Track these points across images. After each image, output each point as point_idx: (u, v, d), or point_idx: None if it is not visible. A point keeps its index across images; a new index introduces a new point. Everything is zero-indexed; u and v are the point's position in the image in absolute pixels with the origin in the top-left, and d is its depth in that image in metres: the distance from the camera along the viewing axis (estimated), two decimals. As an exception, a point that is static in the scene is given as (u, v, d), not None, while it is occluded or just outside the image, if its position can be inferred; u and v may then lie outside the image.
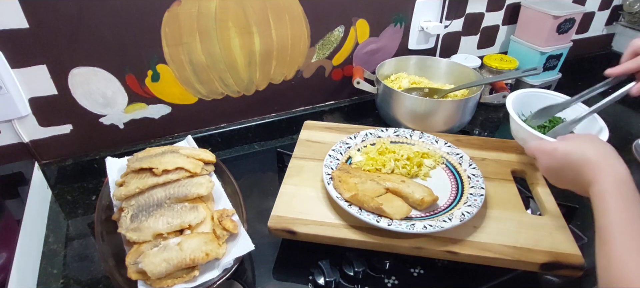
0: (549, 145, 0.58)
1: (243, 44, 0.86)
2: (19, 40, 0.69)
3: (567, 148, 0.55)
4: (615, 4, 1.29)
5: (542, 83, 1.11)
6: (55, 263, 0.66)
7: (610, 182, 0.48)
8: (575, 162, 0.53)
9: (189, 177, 0.66)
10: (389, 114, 0.92)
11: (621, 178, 0.48)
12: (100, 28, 0.73)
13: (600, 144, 0.53)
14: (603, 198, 0.47)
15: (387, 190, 0.66)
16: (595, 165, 0.50)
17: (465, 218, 0.60)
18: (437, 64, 1.02)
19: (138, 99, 0.83)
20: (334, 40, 0.95)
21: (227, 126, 0.95)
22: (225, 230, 0.59)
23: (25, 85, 0.73)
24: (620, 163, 0.50)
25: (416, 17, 1.00)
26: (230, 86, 0.90)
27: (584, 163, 0.52)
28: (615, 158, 0.51)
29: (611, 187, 0.47)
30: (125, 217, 0.60)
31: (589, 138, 0.55)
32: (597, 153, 0.52)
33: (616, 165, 0.49)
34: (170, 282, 0.53)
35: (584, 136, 0.57)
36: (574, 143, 0.55)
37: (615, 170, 0.49)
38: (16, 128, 0.76)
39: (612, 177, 0.48)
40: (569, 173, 0.55)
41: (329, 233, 0.61)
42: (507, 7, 1.12)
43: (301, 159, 0.77)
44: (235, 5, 0.80)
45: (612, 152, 0.52)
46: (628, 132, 1.01)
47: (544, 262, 0.57)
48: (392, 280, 0.62)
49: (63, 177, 0.83)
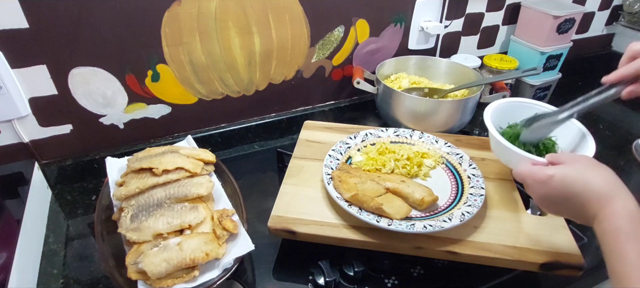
0: (543, 173, 0.50)
1: (243, 44, 0.86)
2: (19, 40, 0.69)
3: (566, 178, 0.48)
4: (615, 4, 1.29)
5: (542, 83, 1.11)
6: (55, 263, 0.66)
7: (624, 219, 0.42)
8: (577, 193, 0.47)
9: (189, 177, 0.66)
10: (389, 114, 0.92)
11: (633, 215, 0.43)
12: (100, 28, 0.73)
13: (604, 171, 0.47)
14: (617, 239, 0.42)
15: (387, 190, 0.66)
16: (602, 198, 0.45)
17: (465, 218, 0.60)
18: (437, 64, 1.02)
19: (138, 99, 0.83)
20: (334, 40, 0.95)
21: (227, 126, 0.95)
22: (225, 230, 0.59)
23: (25, 85, 0.73)
24: (628, 194, 0.45)
25: (416, 17, 1.00)
26: (230, 86, 0.90)
27: (588, 194, 0.46)
28: (622, 188, 0.45)
29: (626, 226, 0.42)
30: (125, 217, 0.60)
31: (590, 163, 0.49)
32: (603, 183, 0.46)
33: (625, 197, 0.44)
34: (170, 282, 0.53)
35: (583, 160, 0.50)
36: (574, 170, 0.48)
37: (626, 204, 0.43)
38: (16, 128, 0.76)
39: (624, 212, 0.43)
40: (568, 205, 0.49)
41: (329, 233, 0.61)
42: (507, 7, 1.12)
43: (301, 159, 0.77)
44: (235, 5, 0.80)
45: (618, 180, 0.46)
46: (628, 132, 1.01)
47: (544, 262, 0.57)
48: (392, 280, 0.62)
49: (63, 177, 0.83)
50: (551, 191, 0.50)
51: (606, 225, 0.43)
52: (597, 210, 0.45)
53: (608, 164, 0.56)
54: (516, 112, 0.74)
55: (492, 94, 0.95)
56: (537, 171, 0.51)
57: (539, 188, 0.51)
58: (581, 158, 0.51)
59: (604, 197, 0.45)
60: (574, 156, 0.52)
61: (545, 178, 0.50)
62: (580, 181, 0.47)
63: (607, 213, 0.44)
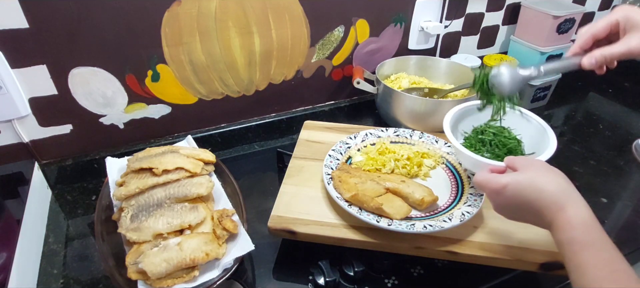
0: (497, 182, 0.49)
1: (243, 44, 0.86)
2: (19, 40, 0.69)
3: (518, 186, 0.48)
4: (615, 4, 1.29)
5: (542, 83, 1.11)
6: (55, 263, 0.66)
7: (577, 229, 0.43)
8: (531, 201, 0.47)
9: (189, 177, 0.66)
10: (389, 114, 0.92)
11: (588, 222, 0.43)
12: (100, 28, 0.73)
13: (556, 177, 0.47)
14: (573, 250, 0.42)
15: (387, 190, 0.66)
16: (556, 206, 0.45)
17: (465, 218, 0.60)
18: (437, 64, 1.02)
19: (138, 99, 0.83)
20: (334, 40, 0.95)
21: (227, 126, 0.95)
22: (225, 230, 0.59)
23: (25, 85, 0.73)
24: (580, 200, 0.45)
25: (416, 17, 1.00)
26: (230, 86, 0.90)
27: (541, 202, 0.46)
28: (575, 194, 0.46)
29: (581, 236, 0.42)
30: (125, 217, 0.60)
31: (542, 169, 0.49)
32: (554, 190, 0.46)
33: (577, 204, 0.44)
34: (170, 282, 0.53)
35: (535, 166, 0.49)
36: (525, 177, 0.48)
37: (578, 212, 0.44)
38: (16, 128, 0.76)
39: (576, 221, 0.43)
40: (525, 213, 0.49)
41: (329, 233, 0.61)
42: (507, 7, 1.12)
43: (301, 159, 0.77)
44: (235, 5, 0.80)
45: (569, 186, 0.46)
46: (628, 132, 1.01)
47: (543, 262, 0.57)
48: (392, 280, 0.62)
49: (63, 177, 0.83)
50: (506, 200, 0.50)
51: (561, 235, 0.44)
52: (552, 218, 0.45)
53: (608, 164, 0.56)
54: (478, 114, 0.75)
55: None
56: (491, 180, 0.50)
57: (495, 198, 0.51)
58: (534, 164, 0.50)
59: (556, 204, 0.45)
60: (528, 161, 0.51)
61: (499, 188, 0.49)
62: (532, 188, 0.47)
63: (561, 222, 0.44)
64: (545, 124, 0.71)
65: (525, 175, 0.49)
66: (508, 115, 0.73)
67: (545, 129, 0.70)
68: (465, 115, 0.77)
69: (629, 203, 0.79)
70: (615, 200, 0.79)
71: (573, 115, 1.10)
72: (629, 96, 1.19)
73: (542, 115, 0.74)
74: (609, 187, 0.83)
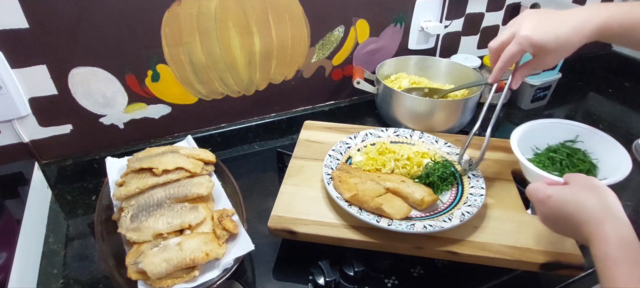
0: (542, 192, 0.51)
1: (243, 44, 0.86)
2: (19, 40, 0.69)
3: (561, 198, 0.49)
4: (615, 4, 1.29)
5: (542, 83, 1.10)
6: (55, 263, 0.66)
7: (615, 244, 0.43)
8: (572, 215, 0.47)
9: (189, 177, 0.66)
10: (389, 114, 0.92)
11: (625, 239, 0.43)
12: (100, 28, 0.73)
13: (600, 193, 0.47)
14: (606, 265, 0.42)
15: (387, 190, 0.66)
16: (595, 221, 0.45)
17: (465, 218, 0.60)
18: (437, 64, 1.02)
19: (138, 99, 0.83)
20: (334, 40, 0.95)
21: (227, 126, 0.95)
22: (225, 230, 0.59)
23: (25, 85, 0.73)
24: (623, 218, 0.45)
25: (416, 17, 1.00)
26: (230, 86, 0.90)
27: (581, 216, 0.46)
28: (616, 212, 0.45)
29: (616, 251, 0.42)
30: (125, 217, 0.60)
31: (588, 184, 0.49)
32: (597, 206, 0.46)
33: (619, 222, 0.44)
34: (170, 282, 0.53)
35: (583, 182, 0.50)
36: (570, 191, 0.49)
37: (619, 230, 0.43)
38: (16, 128, 0.76)
39: (615, 237, 0.43)
40: (566, 225, 0.49)
41: (329, 233, 0.61)
42: (507, 7, 1.12)
43: (301, 159, 0.77)
44: (235, 5, 0.80)
45: (614, 203, 0.46)
46: (628, 132, 1.01)
47: (544, 262, 0.57)
48: (392, 280, 0.62)
49: (63, 177, 0.83)
50: (549, 211, 0.50)
51: (597, 250, 0.44)
52: (591, 234, 0.45)
53: (608, 164, 0.56)
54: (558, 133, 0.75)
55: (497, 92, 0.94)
56: (539, 190, 0.51)
57: (540, 207, 0.52)
58: (585, 179, 0.51)
59: (596, 221, 0.45)
60: (580, 178, 0.51)
61: (544, 198, 0.50)
62: (574, 202, 0.47)
63: (599, 237, 0.44)
64: (623, 149, 0.69)
65: (571, 188, 0.49)
66: (589, 138, 0.73)
67: (622, 154, 0.68)
68: (539, 131, 0.76)
69: (629, 203, 0.79)
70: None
71: (573, 115, 1.10)
72: (629, 96, 1.19)
73: (542, 115, 0.74)
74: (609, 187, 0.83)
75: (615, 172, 0.66)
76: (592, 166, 0.71)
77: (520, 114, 1.07)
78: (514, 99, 1.12)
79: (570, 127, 0.76)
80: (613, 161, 0.69)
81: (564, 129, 0.76)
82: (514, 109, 1.09)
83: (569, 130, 0.75)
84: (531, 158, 0.75)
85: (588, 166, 0.70)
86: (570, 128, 0.75)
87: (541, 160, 0.73)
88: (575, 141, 0.75)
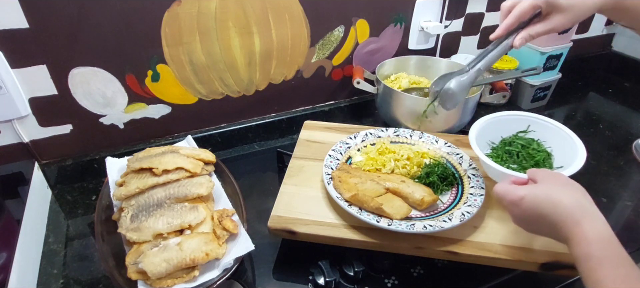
0: (513, 193, 0.50)
1: (243, 44, 0.86)
2: (19, 40, 0.69)
3: (534, 199, 0.48)
4: (615, 3, 1.29)
5: (542, 83, 1.10)
6: (55, 263, 0.66)
7: (595, 243, 0.42)
8: (547, 215, 0.47)
9: (189, 177, 0.66)
10: (389, 114, 0.92)
11: (605, 237, 0.43)
12: (100, 28, 0.73)
13: (573, 190, 0.47)
14: (589, 266, 0.42)
15: (387, 190, 0.66)
16: (572, 220, 0.45)
17: (465, 218, 0.60)
18: (437, 64, 1.02)
19: (138, 99, 0.83)
20: (334, 40, 0.95)
21: (227, 126, 0.95)
22: (225, 230, 0.59)
23: (25, 85, 0.73)
24: (598, 214, 0.45)
25: (416, 17, 1.00)
26: (230, 86, 0.90)
27: (557, 216, 0.46)
28: (590, 208, 0.45)
29: (598, 251, 0.42)
30: (125, 217, 0.60)
31: (559, 182, 0.49)
32: (571, 204, 0.46)
33: (595, 219, 0.44)
34: (170, 282, 0.53)
35: (554, 179, 0.50)
36: (542, 190, 0.48)
37: (597, 228, 0.43)
38: (16, 128, 0.76)
39: (595, 236, 0.43)
40: (541, 226, 0.49)
41: (329, 233, 0.61)
42: (507, 7, 1.12)
43: (301, 159, 0.77)
44: (235, 5, 0.80)
45: (586, 199, 0.46)
46: (628, 132, 1.01)
47: (544, 262, 0.57)
48: (392, 280, 0.62)
49: (63, 177, 0.83)
50: (523, 213, 0.50)
51: (578, 250, 0.43)
52: (568, 232, 0.45)
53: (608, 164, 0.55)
54: (510, 125, 0.75)
55: (492, 94, 0.95)
56: (510, 192, 0.51)
57: (513, 210, 0.51)
58: (554, 177, 0.50)
59: (572, 218, 0.45)
60: (548, 174, 0.51)
61: (517, 200, 0.50)
62: (548, 201, 0.47)
63: (578, 237, 0.44)
64: (576, 138, 0.69)
65: (542, 187, 0.49)
66: (541, 128, 0.73)
67: (576, 143, 0.68)
68: (493, 125, 0.75)
69: (629, 203, 0.79)
70: (615, 200, 0.79)
71: (573, 115, 1.10)
72: (629, 96, 1.19)
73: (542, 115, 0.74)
74: (609, 187, 0.83)
75: (571, 160, 0.66)
76: (547, 155, 0.71)
77: (520, 114, 1.07)
78: (514, 99, 1.13)
79: (520, 118, 0.75)
80: (566, 149, 0.69)
81: (514, 120, 0.75)
82: (514, 108, 1.09)
83: (520, 121, 0.75)
84: (488, 153, 0.74)
85: (543, 156, 0.70)
86: (520, 119, 0.75)
87: (499, 154, 0.72)
88: (527, 131, 0.75)
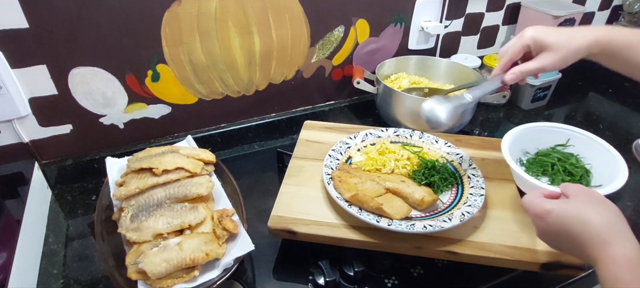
0: (540, 206, 0.48)
1: (243, 44, 0.86)
2: (19, 40, 0.69)
3: (562, 214, 0.46)
4: (615, 4, 1.29)
5: (542, 83, 1.10)
6: (55, 263, 0.66)
7: (624, 266, 0.40)
8: (574, 232, 0.44)
9: (189, 177, 0.66)
10: (389, 114, 0.92)
11: (632, 261, 0.40)
12: (100, 28, 0.73)
13: (604, 210, 0.45)
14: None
15: (387, 190, 0.66)
16: (601, 241, 0.42)
17: (465, 218, 0.60)
18: (437, 64, 1.02)
19: (138, 99, 0.83)
20: (334, 40, 0.95)
21: (227, 126, 0.95)
22: (225, 230, 0.59)
23: (25, 85, 0.73)
24: (630, 236, 0.42)
25: (416, 17, 1.00)
26: (230, 86, 0.90)
27: (585, 235, 0.43)
28: (623, 230, 0.43)
29: (627, 275, 0.40)
30: (125, 217, 0.60)
31: (591, 200, 0.46)
32: (602, 224, 0.43)
33: (623, 241, 0.42)
34: (170, 282, 0.53)
35: (586, 196, 0.47)
36: (572, 207, 0.46)
37: (624, 250, 0.41)
38: (16, 128, 0.76)
39: (622, 260, 0.40)
40: (567, 243, 0.46)
41: (329, 233, 0.61)
42: (507, 7, 1.12)
43: (301, 159, 0.77)
44: (235, 5, 0.80)
45: (620, 220, 0.44)
46: (628, 132, 1.01)
47: (544, 262, 0.57)
48: (392, 280, 0.62)
49: (63, 177, 0.83)
50: (548, 227, 0.48)
51: (606, 273, 0.41)
52: (596, 254, 0.42)
53: (608, 164, 0.55)
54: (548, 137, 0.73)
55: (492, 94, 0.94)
56: (535, 204, 0.49)
57: (537, 223, 0.49)
58: (586, 193, 0.48)
59: (600, 238, 0.42)
60: (581, 190, 0.48)
61: (542, 213, 0.47)
62: (578, 220, 0.44)
63: (606, 260, 0.41)
64: (619, 156, 0.66)
65: (573, 204, 0.46)
66: (580, 143, 0.71)
67: (618, 161, 0.65)
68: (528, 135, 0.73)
69: (629, 203, 0.79)
70: (615, 200, 0.79)
71: (573, 115, 1.10)
72: (629, 96, 1.19)
73: (542, 115, 0.74)
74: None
75: (611, 179, 0.64)
76: (585, 172, 0.68)
77: (520, 114, 1.07)
78: (514, 98, 1.12)
79: (561, 131, 0.73)
80: (608, 167, 0.67)
81: (555, 133, 0.73)
82: (514, 108, 1.09)
83: (561, 134, 0.73)
84: (521, 163, 0.73)
85: (581, 172, 0.68)
86: (561, 132, 0.73)
87: (531, 165, 0.70)
88: (567, 145, 0.73)
